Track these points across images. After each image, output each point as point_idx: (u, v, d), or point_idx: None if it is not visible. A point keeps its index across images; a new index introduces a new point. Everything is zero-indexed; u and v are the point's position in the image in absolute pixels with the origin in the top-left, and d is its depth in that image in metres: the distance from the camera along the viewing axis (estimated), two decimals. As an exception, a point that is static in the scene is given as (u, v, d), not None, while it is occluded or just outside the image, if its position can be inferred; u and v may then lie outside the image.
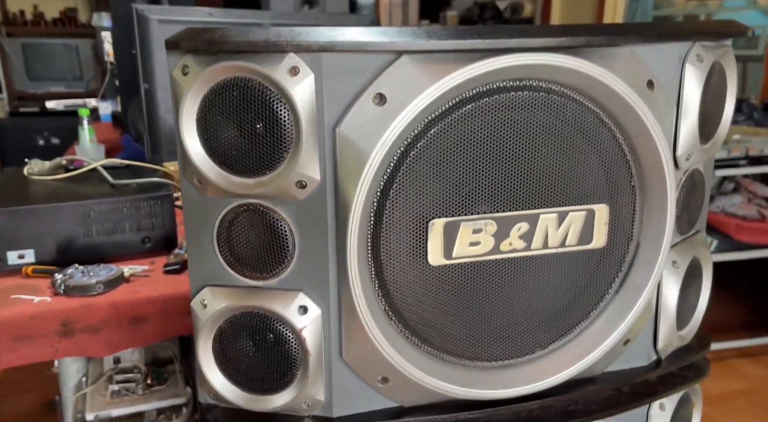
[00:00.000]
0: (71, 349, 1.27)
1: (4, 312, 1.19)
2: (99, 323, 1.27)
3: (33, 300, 1.24)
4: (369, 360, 0.57)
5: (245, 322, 0.57)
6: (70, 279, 1.27)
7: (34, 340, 1.23)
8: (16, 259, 1.34)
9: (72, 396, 1.48)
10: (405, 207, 0.55)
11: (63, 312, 1.23)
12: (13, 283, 1.30)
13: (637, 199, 0.61)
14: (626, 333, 0.64)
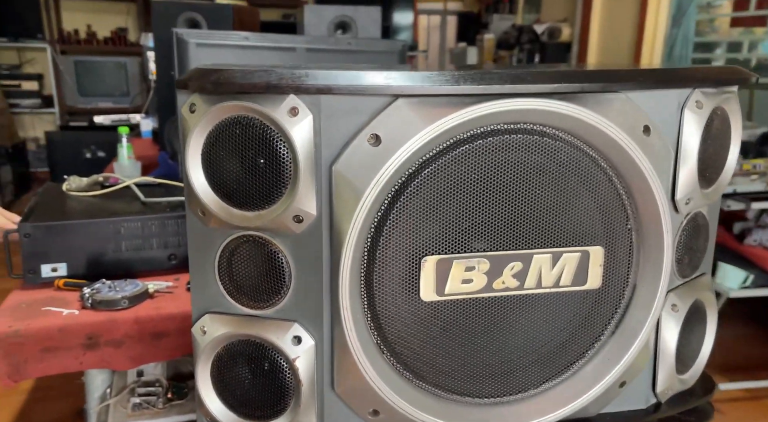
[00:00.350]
0: (95, 362, 1.32)
1: (35, 323, 1.24)
2: (122, 337, 1.32)
3: (62, 313, 1.30)
4: (360, 393, 0.59)
5: (242, 350, 0.59)
6: (97, 294, 1.32)
7: (60, 352, 1.28)
8: (50, 272, 1.40)
9: (96, 407, 1.52)
10: (398, 243, 0.56)
11: (89, 325, 1.28)
12: (46, 295, 1.36)
13: (634, 242, 0.62)
14: (622, 376, 0.63)
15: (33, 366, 1.25)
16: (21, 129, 5.32)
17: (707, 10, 4.54)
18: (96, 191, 1.64)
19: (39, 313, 1.27)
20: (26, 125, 5.38)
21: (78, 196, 1.61)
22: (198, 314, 0.60)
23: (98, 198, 1.61)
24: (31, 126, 5.43)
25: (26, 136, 5.31)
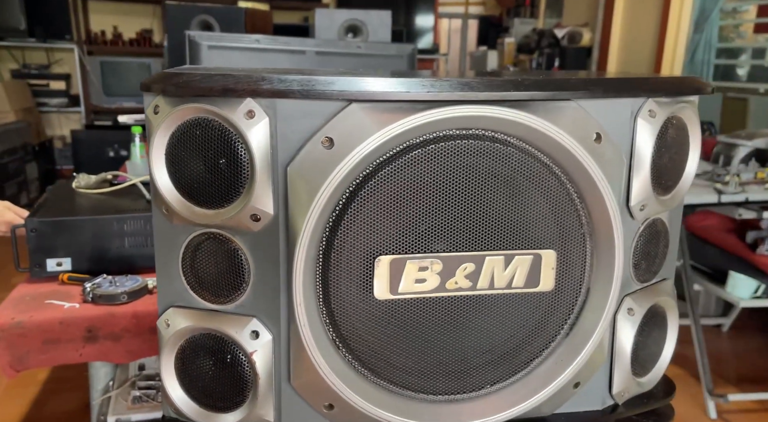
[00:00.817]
0: (94, 354, 1.36)
1: (38, 315, 1.29)
2: (121, 331, 1.36)
3: (64, 306, 1.34)
4: (315, 387, 0.61)
5: (203, 343, 0.62)
6: (98, 288, 1.37)
7: (61, 344, 1.33)
8: (55, 266, 1.45)
9: (98, 399, 1.57)
10: (353, 243, 0.58)
11: (89, 319, 1.32)
12: (50, 289, 1.41)
13: (588, 246, 0.63)
14: (575, 376, 0.64)
15: (35, 357, 1.30)
16: (48, 127, 5.47)
17: (732, 15, 4.47)
18: (104, 189, 1.69)
19: (42, 306, 1.32)
20: (53, 124, 5.52)
21: (86, 193, 1.66)
22: (163, 308, 0.63)
23: (105, 195, 1.66)
24: (58, 124, 5.57)
25: (53, 134, 5.45)
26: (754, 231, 2.57)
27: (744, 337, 3.30)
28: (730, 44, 4.50)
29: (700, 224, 2.82)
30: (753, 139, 3.04)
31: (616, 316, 0.66)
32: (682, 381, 2.84)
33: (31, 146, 4.93)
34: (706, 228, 2.78)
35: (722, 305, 3.46)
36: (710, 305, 3.45)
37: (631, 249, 0.65)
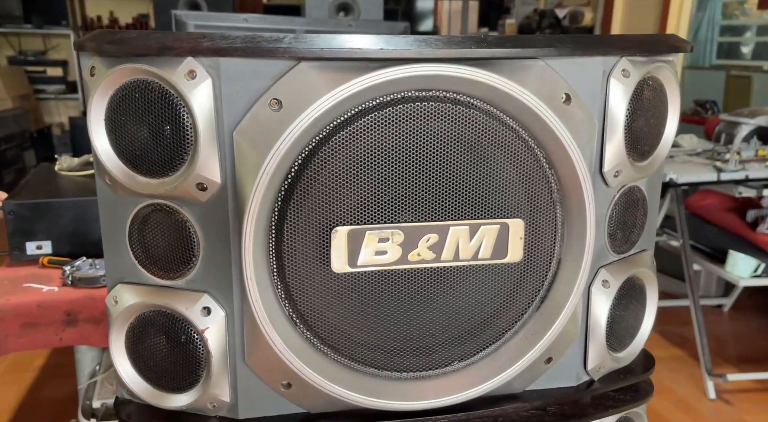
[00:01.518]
0: (75, 338, 1.34)
1: (15, 299, 1.26)
2: (101, 315, 1.33)
3: (42, 290, 1.32)
4: (271, 365, 0.58)
5: (153, 320, 0.59)
6: (77, 271, 1.34)
7: (40, 328, 1.30)
8: (35, 250, 1.42)
9: (84, 384, 1.55)
10: (308, 214, 0.55)
11: (68, 302, 1.30)
12: (29, 272, 1.39)
13: (558, 215, 0.59)
14: (547, 351, 0.61)
15: (14, 341, 1.28)
16: (47, 114, 5.44)
17: (734, -8, 4.38)
18: (86, 171, 1.66)
19: (20, 290, 1.29)
20: (51, 111, 5.49)
21: (68, 175, 1.64)
22: (111, 284, 0.60)
23: (88, 178, 1.63)
24: (56, 111, 5.54)
25: (51, 121, 5.43)
26: (755, 209, 2.52)
27: (744, 318, 3.26)
28: (734, 21, 4.42)
29: (700, 203, 2.77)
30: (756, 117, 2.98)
31: (590, 289, 0.63)
32: (681, 362, 2.81)
33: (29, 133, 4.91)
34: (705, 208, 2.73)
35: (723, 286, 3.42)
36: (711, 286, 3.41)
37: (605, 218, 0.62)
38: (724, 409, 2.45)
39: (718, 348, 2.87)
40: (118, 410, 0.61)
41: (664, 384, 2.61)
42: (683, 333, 2.99)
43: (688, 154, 2.72)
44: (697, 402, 2.49)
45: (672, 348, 2.95)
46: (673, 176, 2.38)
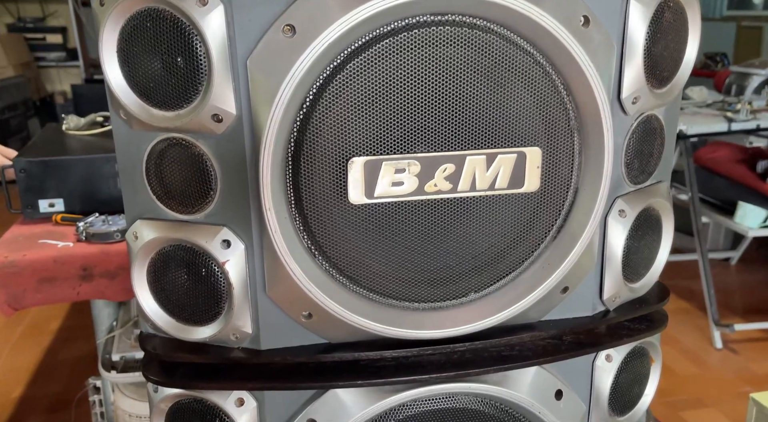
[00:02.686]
0: (91, 292, 1.36)
1: (31, 254, 1.28)
2: (116, 269, 1.35)
3: (57, 245, 1.33)
4: (292, 296, 0.59)
5: (174, 254, 0.59)
6: (91, 227, 1.35)
7: (57, 283, 1.32)
8: (47, 207, 1.43)
9: (103, 338, 1.58)
10: (324, 144, 0.55)
11: (83, 257, 1.32)
12: (43, 230, 1.40)
13: (576, 143, 0.59)
14: (563, 281, 0.62)
15: (32, 296, 1.30)
16: (48, 83, 5.40)
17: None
18: (94, 130, 1.66)
19: (35, 246, 1.31)
20: (53, 79, 5.45)
21: (76, 134, 1.63)
22: (130, 220, 0.60)
23: (96, 137, 1.63)
24: (58, 79, 5.49)
25: (54, 89, 5.39)
26: (765, 160, 2.50)
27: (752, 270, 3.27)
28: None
29: (709, 156, 2.75)
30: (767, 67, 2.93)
31: (606, 219, 0.63)
32: (688, 314, 2.84)
33: (32, 102, 4.88)
34: (715, 160, 2.71)
35: (730, 239, 3.42)
36: (718, 240, 3.41)
37: (623, 147, 0.61)
38: (731, 358, 2.48)
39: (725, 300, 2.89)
40: (143, 343, 0.63)
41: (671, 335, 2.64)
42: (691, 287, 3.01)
43: (698, 106, 2.69)
44: (704, 352, 2.52)
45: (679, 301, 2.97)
46: (683, 127, 2.35)
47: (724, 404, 2.17)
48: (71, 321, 2.87)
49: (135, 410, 1.47)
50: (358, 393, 0.62)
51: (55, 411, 2.18)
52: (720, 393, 2.25)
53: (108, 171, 1.45)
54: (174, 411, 0.64)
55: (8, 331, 2.77)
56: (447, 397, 0.64)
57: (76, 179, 1.42)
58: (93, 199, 1.44)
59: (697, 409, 2.16)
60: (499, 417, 0.66)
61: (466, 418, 0.65)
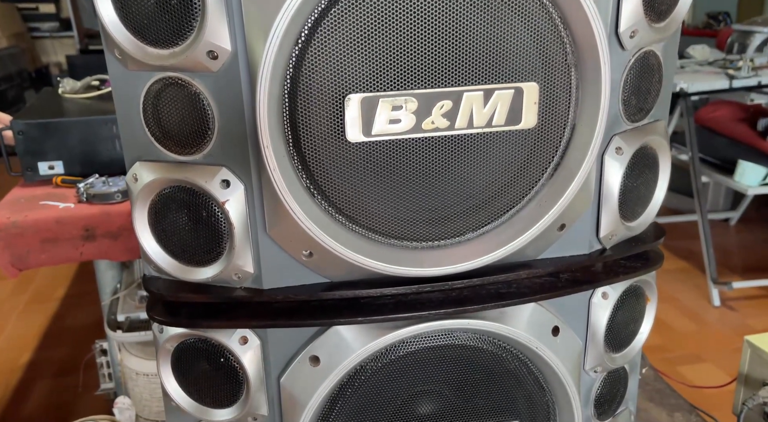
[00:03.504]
0: (94, 253, 1.37)
1: (33, 215, 1.29)
2: (118, 229, 1.36)
3: (58, 206, 1.34)
4: (292, 235, 0.59)
5: (174, 196, 0.60)
6: (91, 188, 1.36)
7: (60, 243, 1.33)
8: (47, 170, 1.44)
9: (108, 300, 1.60)
10: (320, 80, 0.55)
11: (85, 218, 1.32)
12: (44, 192, 1.41)
13: (573, 78, 0.59)
14: (560, 218, 0.62)
15: (35, 257, 1.31)
16: (43, 54, 5.34)
17: None
18: (91, 93, 1.65)
19: (37, 207, 1.32)
20: (48, 49, 5.39)
21: (73, 98, 1.63)
22: (130, 163, 0.60)
23: (93, 99, 1.62)
24: (53, 50, 5.43)
25: (49, 60, 5.33)
26: (766, 118, 2.49)
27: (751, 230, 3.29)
28: (749, -75, 4.22)
29: (710, 115, 2.73)
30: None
31: (603, 157, 0.63)
32: (687, 274, 2.86)
33: (27, 73, 4.84)
34: (715, 119, 2.70)
35: (730, 200, 3.43)
36: (718, 200, 3.42)
37: (620, 83, 0.61)
38: (728, 315, 2.51)
39: (724, 260, 2.91)
40: (146, 285, 0.64)
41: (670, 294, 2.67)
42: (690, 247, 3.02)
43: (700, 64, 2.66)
44: (702, 310, 2.55)
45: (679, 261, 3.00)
46: (683, 85, 2.33)
47: (722, 359, 2.21)
48: (76, 288, 2.90)
49: (142, 368, 1.50)
50: (359, 330, 0.63)
51: (63, 375, 2.22)
52: (717, 348, 2.28)
53: (107, 133, 1.45)
54: (179, 352, 0.65)
55: (14, 299, 2.80)
56: (445, 334, 0.65)
57: (75, 141, 1.41)
58: (93, 162, 1.44)
59: (694, 364, 2.20)
60: (497, 353, 0.67)
61: (464, 355, 0.67)
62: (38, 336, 2.50)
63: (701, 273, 2.75)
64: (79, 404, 2.02)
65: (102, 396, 1.93)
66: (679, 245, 3.12)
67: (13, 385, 2.18)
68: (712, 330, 2.44)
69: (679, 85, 2.32)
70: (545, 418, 0.72)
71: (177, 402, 0.66)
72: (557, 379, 0.68)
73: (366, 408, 0.67)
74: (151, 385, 1.51)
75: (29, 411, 2.04)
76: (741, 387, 0.98)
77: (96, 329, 2.55)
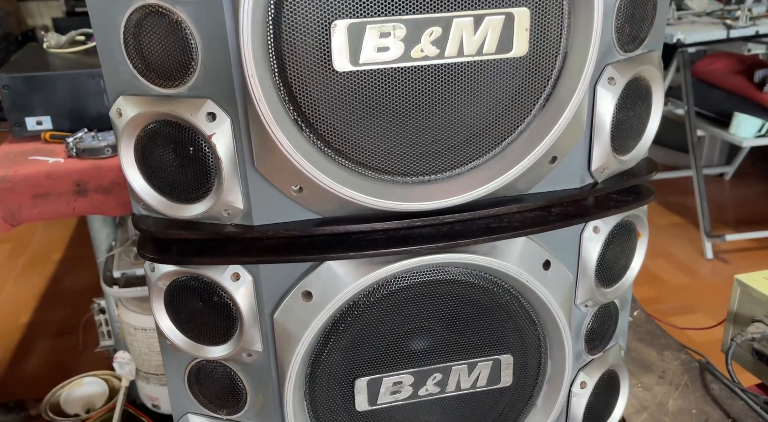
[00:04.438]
0: (87, 208, 1.36)
1: (22, 169, 1.28)
2: (110, 184, 1.35)
3: (48, 161, 1.33)
4: (281, 169, 0.59)
5: (160, 131, 0.59)
6: (81, 142, 1.34)
7: (52, 198, 1.33)
8: (35, 125, 1.42)
9: (103, 257, 1.60)
10: (305, 6, 0.53)
11: (76, 172, 1.31)
12: (33, 147, 1.39)
13: (565, 3, 0.57)
14: (551, 150, 0.62)
15: (27, 212, 1.30)
16: (29, 17, 5.23)
17: None
18: (77, 47, 1.61)
19: (26, 162, 1.30)
20: (33, 12, 5.27)
21: (58, 52, 1.59)
22: (113, 97, 0.59)
23: (78, 54, 1.59)
24: (38, 13, 5.31)
25: (35, 23, 5.22)
26: (763, 69, 2.47)
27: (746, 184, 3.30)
28: None
29: (707, 68, 2.71)
30: (769, -26, 2.84)
31: (595, 87, 0.62)
32: (681, 229, 2.88)
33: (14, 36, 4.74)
34: (712, 72, 2.67)
35: (725, 155, 3.42)
36: (714, 155, 3.42)
37: (613, 9, 0.60)
38: (721, 267, 2.53)
39: (718, 214, 2.93)
40: (136, 224, 0.63)
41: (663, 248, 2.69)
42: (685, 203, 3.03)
43: (698, 15, 2.62)
44: (695, 263, 2.58)
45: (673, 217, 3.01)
46: (680, 36, 2.30)
47: (713, 310, 2.24)
48: (72, 252, 2.91)
49: (140, 323, 1.51)
50: (351, 265, 0.63)
51: (63, 335, 2.24)
52: (709, 299, 2.31)
53: (94, 87, 1.42)
54: (172, 290, 0.65)
55: (11, 263, 2.81)
56: (437, 269, 0.65)
57: (62, 96, 1.39)
58: (81, 117, 1.42)
59: (686, 315, 2.23)
60: (489, 288, 0.67)
61: (456, 291, 0.67)
62: (37, 298, 2.52)
63: (695, 228, 2.77)
64: (79, 362, 2.05)
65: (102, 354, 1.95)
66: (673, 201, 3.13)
67: (14, 345, 2.21)
68: (705, 282, 2.47)
69: (676, 36, 2.29)
70: (536, 353, 0.73)
71: (172, 340, 0.67)
72: (548, 313, 0.69)
73: (359, 344, 0.67)
74: (149, 340, 1.52)
75: (31, 370, 2.07)
76: (730, 326, 1.00)
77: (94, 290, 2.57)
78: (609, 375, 0.80)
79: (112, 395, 1.59)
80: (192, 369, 0.70)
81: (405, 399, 0.70)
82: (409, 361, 0.69)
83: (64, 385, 1.61)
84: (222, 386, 0.69)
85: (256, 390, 0.69)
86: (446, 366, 0.70)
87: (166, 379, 0.72)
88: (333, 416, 0.70)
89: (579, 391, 0.76)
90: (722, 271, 2.49)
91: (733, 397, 0.91)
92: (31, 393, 1.86)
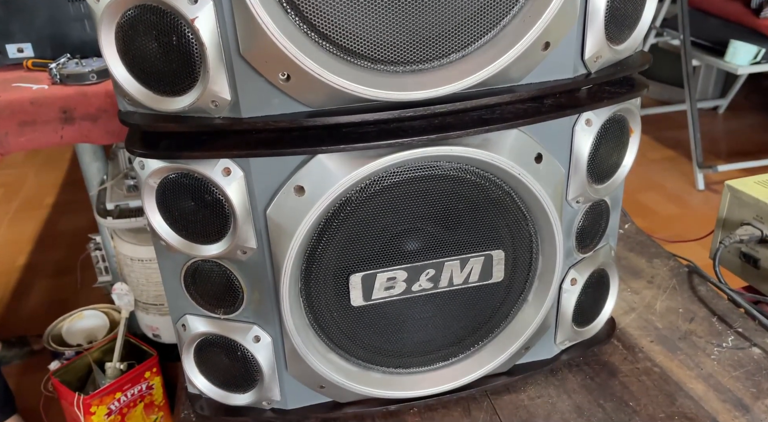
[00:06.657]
0: (75, 136, 1.34)
1: (6, 96, 1.25)
2: (96, 111, 1.33)
3: (32, 88, 1.30)
4: (267, 55, 0.57)
5: (140, 17, 0.57)
6: (64, 68, 1.31)
7: (38, 126, 1.31)
8: (16, 53, 1.38)
9: (95, 190, 1.60)
10: None
11: (61, 99, 1.29)
12: (15, 75, 1.36)
13: None
14: (543, 35, 0.60)
15: (15, 140, 1.29)
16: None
17: None
18: (54, -27, 1.55)
19: (9, 89, 1.28)
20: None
21: (36, -22, 1.54)
22: (92, -18, 0.57)
23: (57, -20, 1.53)
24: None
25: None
26: (761, -5, 2.41)
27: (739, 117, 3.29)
28: None
29: (704, -4, 2.65)
30: None
31: (590, -32, 0.61)
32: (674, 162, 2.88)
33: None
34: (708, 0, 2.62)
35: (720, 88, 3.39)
36: (708, 89, 3.39)
37: None
38: (712, 198, 2.55)
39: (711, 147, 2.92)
40: (123, 119, 0.62)
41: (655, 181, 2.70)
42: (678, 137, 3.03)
43: (695, -60, 2.54)
44: (687, 194, 2.59)
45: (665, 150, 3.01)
46: (677, -39, 2.24)
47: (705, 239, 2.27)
48: (65, 196, 2.89)
49: (136, 254, 1.52)
50: (343, 159, 0.63)
51: (60, 275, 2.26)
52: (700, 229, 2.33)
53: (75, 13, 1.38)
54: (163, 188, 0.65)
55: (2, 207, 2.80)
56: (429, 164, 0.65)
57: (43, 21, 1.35)
58: (63, 44, 1.38)
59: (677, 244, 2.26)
60: (480, 183, 0.67)
61: (449, 187, 0.67)
62: (32, 241, 2.52)
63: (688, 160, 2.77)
64: (78, 299, 2.07)
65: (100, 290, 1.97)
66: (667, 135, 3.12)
67: (12, 285, 2.22)
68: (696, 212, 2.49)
69: (673, -39, 2.23)
70: (528, 249, 0.73)
71: (166, 240, 0.67)
72: (540, 207, 0.69)
73: (353, 241, 0.68)
74: (146, 270, 1.53)
75: (31, 308, 2.09)
76: (719, 231, 1.01)
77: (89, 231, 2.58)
78: (599, 274, 0.81)
79: (113, 327, 1.61)
80: (188, 270, 0.70)
81: (399, 294, 0.71)
82: (402, 258, 0.70)
83: (65, 318, 1.63)
84: (218, 285, 0.70)
85: (252, 287, 0.69)
86: (439, 262, 0.70)
87: (162, 282, 0.73)
88: (329, 312, 0.71)
89: (569, 288, 0.77)
90: (714, 202, 2.51)
91: (719, 297, 0.93)
92: (32, 329, 1.89)
